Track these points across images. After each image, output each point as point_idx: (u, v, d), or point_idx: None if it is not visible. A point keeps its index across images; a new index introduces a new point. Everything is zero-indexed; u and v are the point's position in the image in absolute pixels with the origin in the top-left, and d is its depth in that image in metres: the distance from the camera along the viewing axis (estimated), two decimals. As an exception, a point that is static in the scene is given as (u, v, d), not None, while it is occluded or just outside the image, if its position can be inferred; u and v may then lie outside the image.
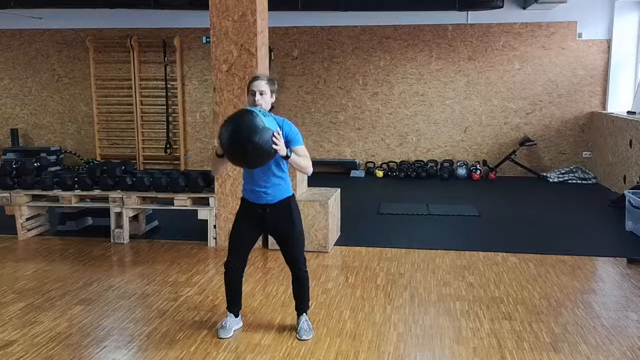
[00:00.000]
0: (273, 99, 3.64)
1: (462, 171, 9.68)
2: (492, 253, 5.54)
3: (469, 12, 9.56)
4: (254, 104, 3.54)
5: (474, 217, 7.02)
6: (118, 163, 6.31)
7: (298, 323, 3.82)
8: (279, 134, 3.36)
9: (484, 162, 9.83)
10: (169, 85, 10.53)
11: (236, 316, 3.87)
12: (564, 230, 6.45)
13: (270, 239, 5.60)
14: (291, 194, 3.76)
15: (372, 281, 4.81)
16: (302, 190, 5.91)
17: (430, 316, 4.10)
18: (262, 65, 5.66)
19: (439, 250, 5.63)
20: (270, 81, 3.64)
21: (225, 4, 5.47)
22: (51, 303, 4.30)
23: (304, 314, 3.85)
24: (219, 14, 5.50)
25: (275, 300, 4.38)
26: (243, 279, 3.83)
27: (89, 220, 6.60)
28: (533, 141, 9.62)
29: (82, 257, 5.48)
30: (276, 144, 3.34)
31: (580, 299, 4.43)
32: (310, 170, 3.67)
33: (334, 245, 5.81)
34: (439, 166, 9.89)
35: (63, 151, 10.89)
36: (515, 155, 9.70)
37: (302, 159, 3.57)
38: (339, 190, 6.16)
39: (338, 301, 4.38)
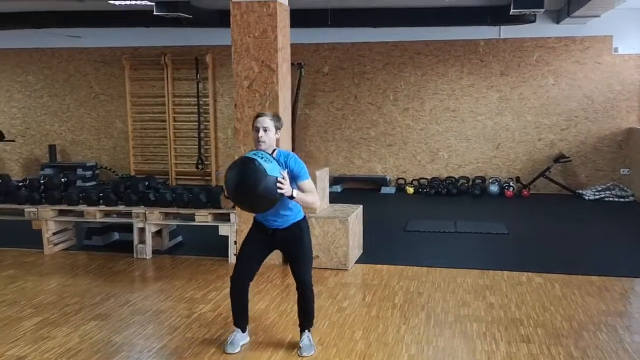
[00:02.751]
0: (278, 135, 3.64)
1: (494, 188, 9.48)
2: (517, 273, 5.37)
3: (501, 26, 9.42)
4: (257, 140, 3.55)
5: (502, 235, 6.85)
6: (142, 178, 6.39)
7: (300, 340, 3.77)
8: (283, 178, 3.38)
9: (517, 179, 9.60)
10: (201, 102, 10.66)
11: (243, 331, 3.85)
12: (596, 250, 6.23)
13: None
14: (302, 217, 3.76)
15: (390, 300, 4.71)
16: (323, 207, 5.86)
17: (444, 338, 3.99)
18: (284, 81, 5.67)
19: (462, 269, 5.49)
20: (275, 118, 3.65)
21: (246, 21, 5.50)
22: (66, 318, 4.35)
23: (307, 330, 3.80)
24: (240, 31, 5.53)
25: (288, 318, 4.33)
26: (255, 296, 3.82)
27: (116, 236, 6.68)
28: (568, 157, 9.36)
29: (103, 272, 5.54)
30: (281, 189, 3.36)
31: (604, 321, 4.24)
32: (317, 205, 3.72)
33: (355, 263, 5.73)
34: (470, 183, 9.72)
35: (99, 167, 11.12)
36: (550, 171, 9.45)
37: (308, 195, 3.58)
38: (361, 207, 6.09)
39: (352, 320, 4.30)
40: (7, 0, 8.14)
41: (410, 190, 9.74)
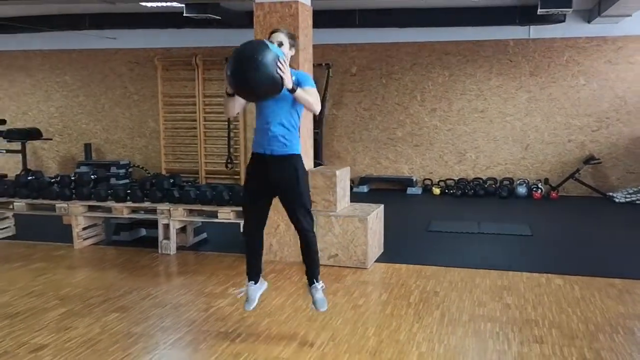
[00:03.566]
0: (292, 52, 3.73)
1: (522, 190, 9.39)
2: (537, 274, 5.34)
3: (531, 26, 9.32)
4: None
5: (525, 236, 6.79)
6: (167, 176, 6.54)
7: (312, 293, 3.80)
8: (284, 62, 3.39)
9: (546, 181, 9.49)
10: (231, 102, 10.79)
11: (256, 282, 3.94)
12: (621, 253, 6.14)
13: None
14: (298, 153, 3.79)
15: (405, 299, 4.74)
16: (344, 206, 5.91)
17: (457, 336, 4.00)
18: (305, 81, 5.73)
19: (481, 270, 5.48)
20: (290, 34, 3.73)
21: (269, 22, 5.59)
22: (90, 310, 4.50)
23: (316, 281, 3.81)
24: (263, 31, 5.62)
25: (303, 314, 4.39)
26: (273, 292, 3.89)
27: (143, 231, 6.85)
28: (598, 159, 9.22)
29: (129, 266, 5.70)
30: (281, 69, 3.36)
31: (622, 324, 4.20)
32: (316, 107, 3.66)
33: (375, 261, 5.77)
34: (498, 184, 9.64)
35: (132, 165, 11.37)
36: (580, 174, 9.32)
37: (310, 95, 3.59)
38: (382, 206, 6.12)
39: (366, 317, 4.35)
40: (46, 3, 8.42)
41: (437, 191, 9.71)
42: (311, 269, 3.85)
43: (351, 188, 9.92)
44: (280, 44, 3.64)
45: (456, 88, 9.89)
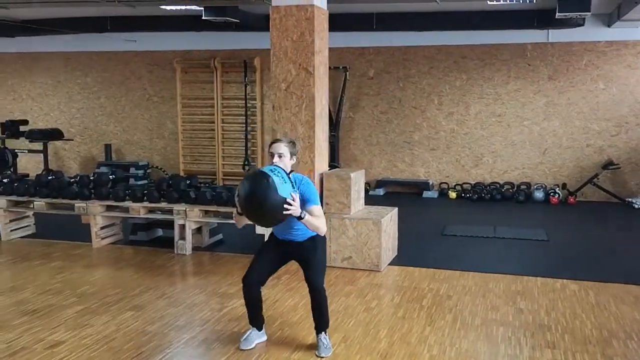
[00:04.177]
0: (293, 161, 3.78)
1: (539, 194, 9.33)
2: (552, 279, 5.31)
3: (550, 30, 9.27)
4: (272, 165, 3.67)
5: (541, 241, 6.76)
6: (183, 177, 6.62)
7: (317, 341, 3.84)
8: (293, 200, 3.48)
9: (564, 186, 9.42)
10: (248, 104, 10.88)
11: (259, 330, 3.95)
12: (639, 259, 6.08)
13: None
14: (316, 234, 3.83)
15: (418, 302, 4.75)
16: (358, 208, 5.94)
17: (468, 340, 4.01)
18: (320, 84, 5.78)
19: (495, 274, 5.46)
20: (291, 144, 3.78)
21: (284, 25, 5.64)
22: (106, 308, 4.57)
23: (323, 332, 3.85)
24: (279, 34, 5.68)
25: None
26: (286, 293, 3.92)
27: (160, 232, 6.93)
28: (617, 164, 9.13)
29: (145, 265, 5.78)
30: (288, 210, 3.47)
31: (637, 330, 4.17)
32: (323, 230, 3.76)
33: (388, 264, 5.78)
34: (515, 189, 9.59)
35: (150, 166, 11.49)
36: (598, 179, 9.23)
37: (316, 219, 3.68)
38: (396, 209, 6.13)
39: (378, 320, 4.37)
40: (69, 6, 8.57)
41: (453, 195, 9.69)
42: (319, 324, 3.86)
43: (367, 191, 10.01)
44: (280, 156, 3.70)
45: (473, 92, 9.86)
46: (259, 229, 5.89)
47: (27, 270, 5.64)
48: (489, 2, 7.95)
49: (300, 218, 3.57)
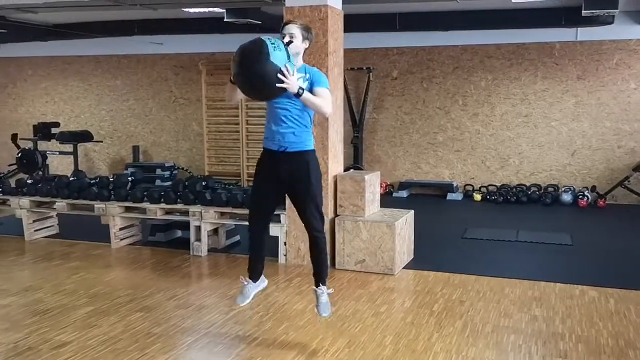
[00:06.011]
0: (306, 45, 3.66)
1: (567, 197, 9.09)
2: (571, 285, 5.15)
3: (578, 28, 9.03)
4: None
5: (565, 246, 6.57)
6: (200, 178, 6.64)
7: (317, 296, 3.74)
8: (287, 70, 3.32)
9: (593, 188, 9.16)
10: (273, 106, 10.87)
11: (255, 281, 3.92)
12: (665, 265, 5.86)
13: (338, 256, 5.61)
14: (311, 149, 3.72)
15: (428, 307, 4.66)
16: (373, 211, 5.86)
17: (477, 348, 3.90)
18: (335, 84, 5.70)
19: (512, 279, 5.32)
20: (304, 27, 3.66)
21: (299, 27, 5.60)
22: (116, 309, 4.61)
23: (322, 284, 3.75)
24: (294, 37, 5.63)
25: (322, 320, 4.37)
26: (295, 297, 3.88)
27: (178, 233, 6.97)
28: (649, 166, 8.85)
29: (160, 267, 5.81)
30: (283, 81, 3.32)
31: (654, 341, 4.00)
32: (325, 110, 3.57)
33: (403, 268, 5.70)
34: (542, 191, 9.37)
35: (176, 167, 11.60)
36: (629, 181, 8.95)
37: (318, 98, 3.51)
38: (412, 212, 6.04)
39: (385, 325, 4.29)
40: (99, 10, 8.70)
41: (478, 197, 9.51)
42: (318, 272, 3.79)
43: (391, 193, 9.93)
44: (291, 38, 3.56)
45: (499, 92, 9.67)
46: (273, 231, 5.87)
47: (45, 270, 5.73)
48: (512, 1, 7.78)
49: (298, 95, 3.41)
